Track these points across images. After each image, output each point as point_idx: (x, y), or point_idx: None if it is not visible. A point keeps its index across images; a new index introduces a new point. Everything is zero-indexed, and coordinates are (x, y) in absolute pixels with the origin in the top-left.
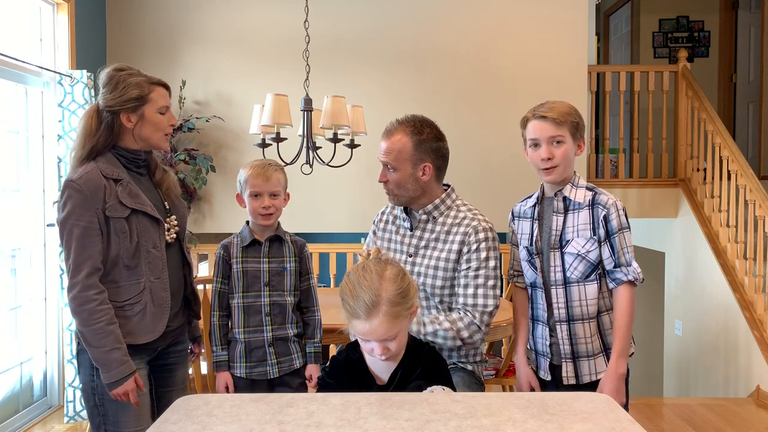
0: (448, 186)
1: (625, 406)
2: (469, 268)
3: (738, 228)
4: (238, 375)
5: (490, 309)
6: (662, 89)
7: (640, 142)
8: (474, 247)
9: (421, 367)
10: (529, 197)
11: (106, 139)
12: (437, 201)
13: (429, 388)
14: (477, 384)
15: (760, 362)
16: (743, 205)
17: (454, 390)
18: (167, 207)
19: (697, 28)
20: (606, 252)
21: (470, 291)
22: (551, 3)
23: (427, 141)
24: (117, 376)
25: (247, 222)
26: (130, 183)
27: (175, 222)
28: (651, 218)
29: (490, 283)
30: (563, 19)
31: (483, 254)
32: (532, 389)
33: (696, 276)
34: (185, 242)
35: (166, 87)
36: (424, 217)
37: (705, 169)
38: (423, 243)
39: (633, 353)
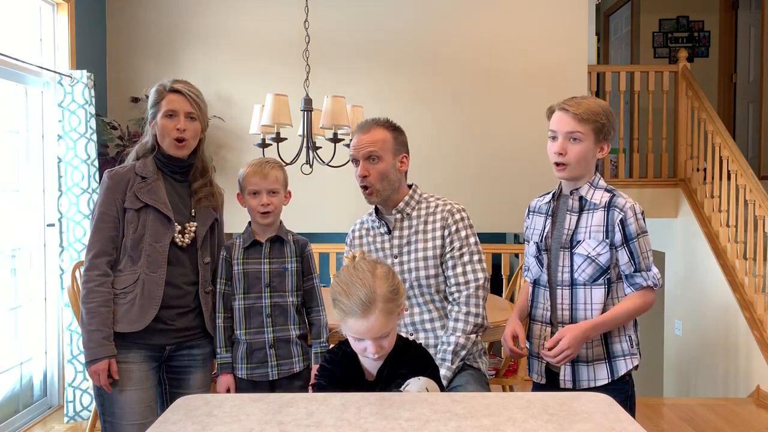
0: (412, 184)
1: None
2: (453, 249)
3: (738, 228)
4: (240, 376)
5: (481, 281)
6: (662, 89)
7: (640, 142)
8: (453, 228)
9: (408, 362)
10: (548, 193)
11: (150, 143)
12: (407, 198)
13: (406, 383)
14: (485, 383)
15: (760, 362)
16: (743, 205)
17: (436, 381)
18: (193, 214)
19: (697, 28)
20: (624, 257)
21: (459, 270)
22: (551, 3)
23: (400, 135)
24: (91, 356)
25: (250, 222)
26: (155, 182)
27: (194, 228)
28: (651, 218)
29: (476, 258)
30: (563, 19)
31: (463, 233)
32: (516, 340)
33: (696, 276)
34: (203, 251)
35: (179, 92)
36: (398, 216)
37: (705, 169)
38: (405, 241)
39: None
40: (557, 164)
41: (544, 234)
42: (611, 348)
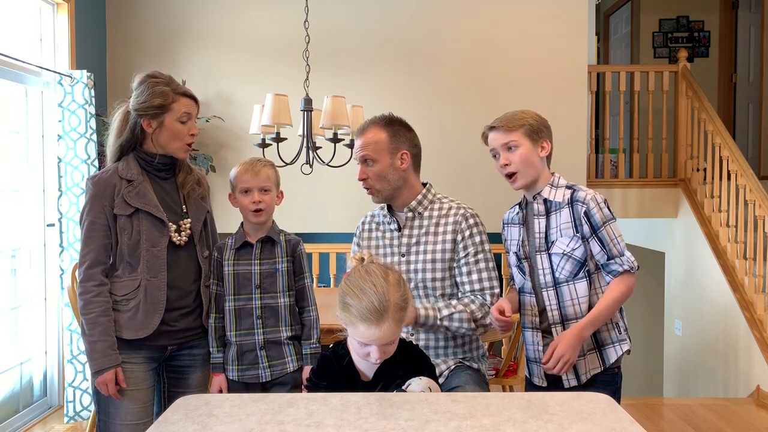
0: (426, 183)
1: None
2: (467, 254)
3: (738, 228)
4: (231, 378)
5: (496, 290)
6: (662, 89)
7: (640, 142)
8: (467, 233)
9: (405, 362)
10: (516, 204)
11: (128, 140)
12: (419, 197)
13: (407, 382)
14: (484, 384)
15: (760, 362)
16: (743, 205)
17: (436, 381)
18: (185, 210)
19: (697, 28)
20: (596, 247)
21: (474, 276)
22: (551, 3)
23: (399, 131)
24: (97, 367)
25: (242, 224)
26: (142, 184)
27: (189, 225)
28: (651, 218)
29: (491, 264)
30: (563, 19)
31: (477, 239)
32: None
33: (696, 276)
34: (201, 245)
35: (193, 98)
36: (410, 214)
37: (705, 169)
38: (414, 240)
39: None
40: (508, 176)
41: (520, 242)
42: (599, 337)
